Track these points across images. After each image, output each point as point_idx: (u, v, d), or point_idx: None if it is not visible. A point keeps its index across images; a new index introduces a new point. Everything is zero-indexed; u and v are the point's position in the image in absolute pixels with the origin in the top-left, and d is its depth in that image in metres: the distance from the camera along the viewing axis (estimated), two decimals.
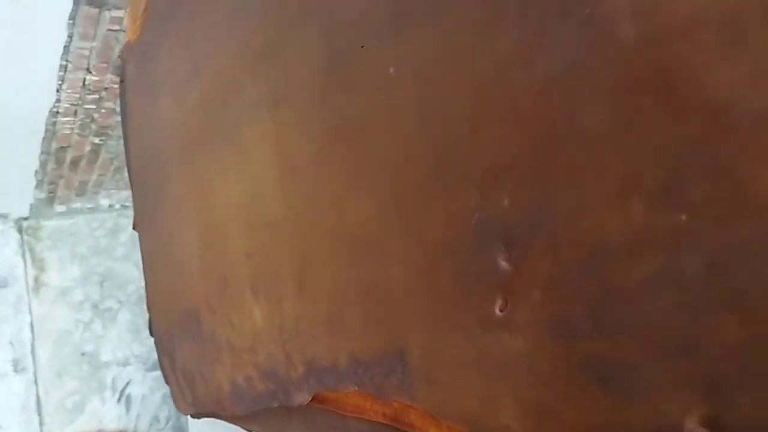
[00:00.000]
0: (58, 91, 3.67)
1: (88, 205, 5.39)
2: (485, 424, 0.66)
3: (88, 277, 5.47)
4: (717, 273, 0.44)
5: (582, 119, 0.52)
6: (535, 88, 0.56)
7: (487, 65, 0.61)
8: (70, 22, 3.02)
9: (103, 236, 5.61)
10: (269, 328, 1.16)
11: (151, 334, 1.99)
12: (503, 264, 0.61)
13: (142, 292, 5.65)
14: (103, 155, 4.54)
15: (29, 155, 4.26)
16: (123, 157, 4.72)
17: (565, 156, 0.54)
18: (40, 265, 5.37)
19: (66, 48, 3.31)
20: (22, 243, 5.33)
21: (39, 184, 4.76)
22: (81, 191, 5.07)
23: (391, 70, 0.74)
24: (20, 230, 5.35)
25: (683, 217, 0.45)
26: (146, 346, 5.34)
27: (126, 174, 5.02)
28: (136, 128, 1.76)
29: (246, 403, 1.32)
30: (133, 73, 1.75)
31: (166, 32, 1.47)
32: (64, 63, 3.42)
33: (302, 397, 1.10)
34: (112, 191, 5.20)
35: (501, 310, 0.61)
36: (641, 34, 0.47)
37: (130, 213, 5.57)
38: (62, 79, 3.59)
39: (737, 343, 0.43)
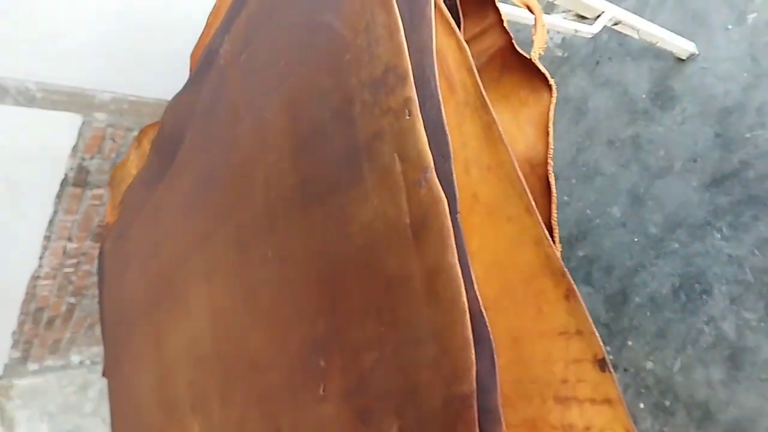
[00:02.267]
0: (40, 258, 4.07)
1: (60, 362, 5.63)
2: None
3: None
4: None
5: None
6: None
7: None
8: (57, 200, 3.47)
9: (72, 393, 5.80)
10: None
11: None
12: (322, 364, 1.08)
13: None
14: (77, 314, 4.91)
15: (8, 318, 4.60)
16: (95, 315, 5.04)
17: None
18: (9, 424, 5.49)
19: (51, 222, 3.75)
20: None
21: (15, 344, 5.05)
22: (54, 349, 5.36)
23: (270, 253, 1.23)
24: None
25: None
26: None
27: (96, 331, 5.31)
28: (111, 290, 2.22)
29: None
30: (110, 247, 2.25)
31: (136, 220, 1.98)
32: (48, 234, 3.85)
33: None
34: (83, 348, 5.49)
35: (323, 392, 1.06)
36: None
37: (99, 368, 5.74)
38: (45, 248, 4.00)
39: None
